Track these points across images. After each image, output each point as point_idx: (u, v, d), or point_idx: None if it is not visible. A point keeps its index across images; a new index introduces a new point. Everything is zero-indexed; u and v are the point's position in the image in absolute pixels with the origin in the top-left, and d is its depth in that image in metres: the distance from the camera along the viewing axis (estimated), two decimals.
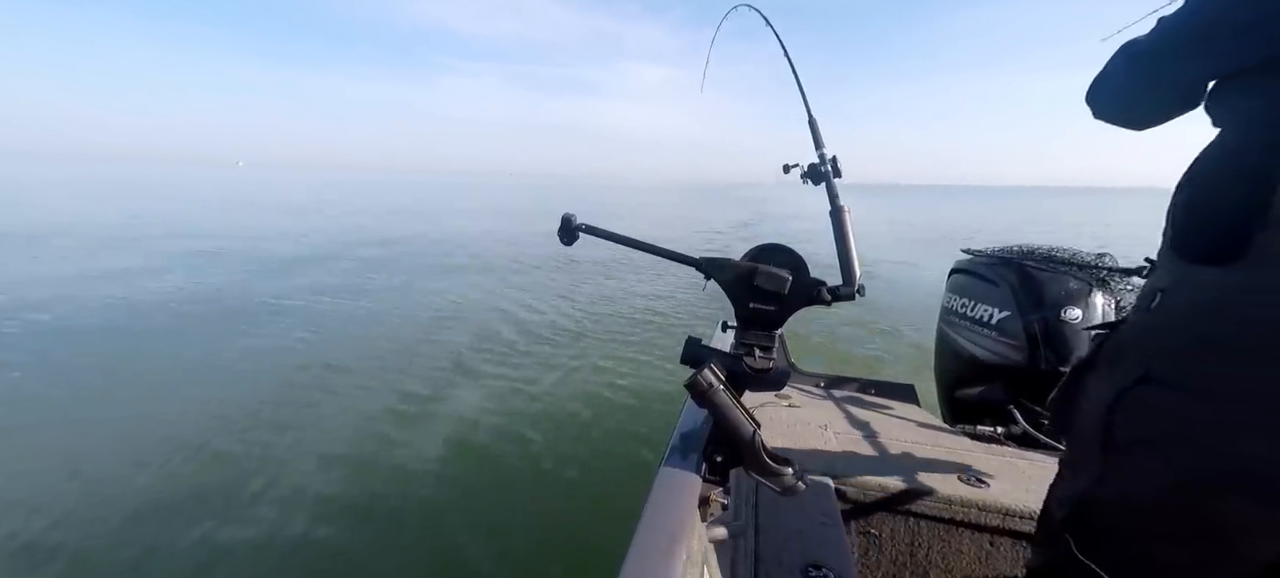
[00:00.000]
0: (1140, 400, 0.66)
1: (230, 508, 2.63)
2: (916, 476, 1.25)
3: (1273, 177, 0.59)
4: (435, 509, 2.70)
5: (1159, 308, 0.68)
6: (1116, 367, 0.71)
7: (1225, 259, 0.62)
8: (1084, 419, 0.73)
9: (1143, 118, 0.85)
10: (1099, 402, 0.70)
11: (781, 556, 0.91)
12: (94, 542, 2.38)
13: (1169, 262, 0.71)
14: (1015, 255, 1.86)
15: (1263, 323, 0.58)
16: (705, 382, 0.77)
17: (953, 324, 1.92)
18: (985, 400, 1.78)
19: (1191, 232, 0.69)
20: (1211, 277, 0.63)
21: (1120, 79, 0.83)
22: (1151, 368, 0.66)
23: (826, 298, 1.00)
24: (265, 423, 3.45)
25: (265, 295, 6.79)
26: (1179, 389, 0.63)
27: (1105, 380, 0.71)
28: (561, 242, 1.10)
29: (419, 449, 3.21)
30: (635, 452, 3.25)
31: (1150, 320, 0.70)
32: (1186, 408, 0.62)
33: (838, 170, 1.12)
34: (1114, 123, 0.88)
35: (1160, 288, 0.70)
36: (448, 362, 4.69)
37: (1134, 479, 0.66)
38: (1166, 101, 0.78)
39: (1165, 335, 0.67)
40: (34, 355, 4.46)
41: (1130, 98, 0.84)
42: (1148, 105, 0.82)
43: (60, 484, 2.73)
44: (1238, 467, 0.58)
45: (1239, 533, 0.58)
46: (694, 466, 0.80)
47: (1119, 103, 0.86)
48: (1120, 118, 0.87)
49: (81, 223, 13.44)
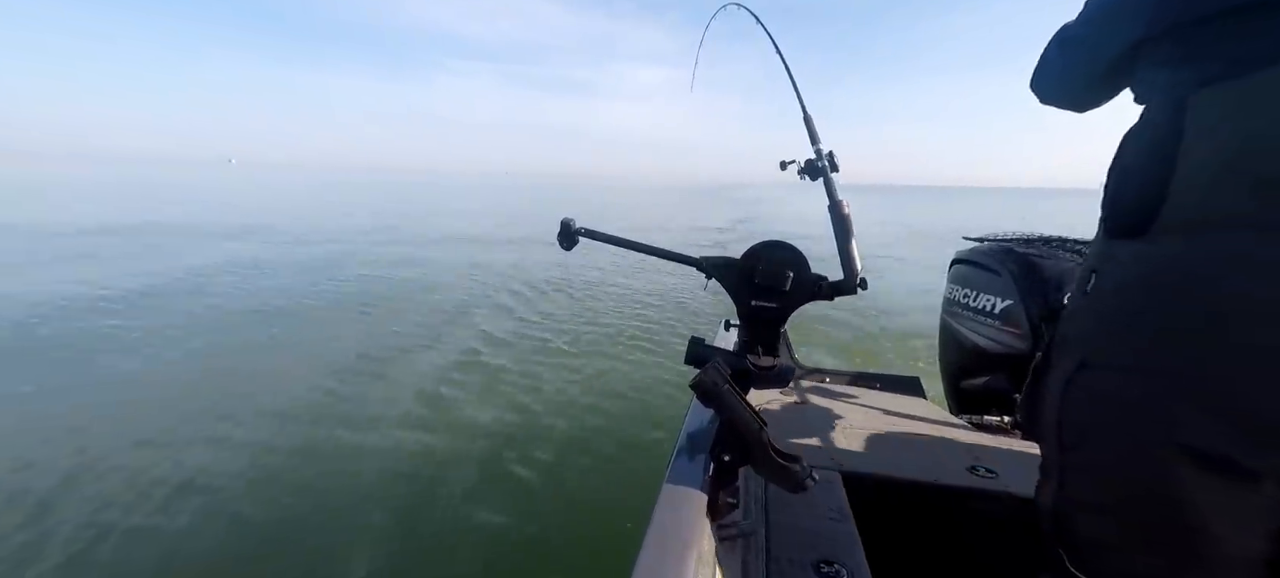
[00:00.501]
0: (1081, 388, 0.65)
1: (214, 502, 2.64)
2: (925, 467, 1.24)
3: (1173, 145, 0.59)
4: (440, 513, 2.70)
5: (1094, 290, 0.68)
6: (1062, 357, 0.69)
7: (1137, 232, 0.62)
8: (1043, 419, 0.71)
9: (1080, 99, 0.86)
10: (1051, 397, 0.69)
11: (793, 553, 0.91)
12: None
13: (1099, 242, 0.71)
14: (1017, 243, 1.86)
15: (1166, 290, 0.58)
16: (710, 381, 0.77)
17: (955, 315, 1.92)
18: (991, 390, 1.77)
19: (1112, 207, 0.69)
20: (1129, 251, 0.63)
21: (1055, 63, 0.84)
22: (1088, 353, 0.65)
23: (828, 293, 1.00)
24: (261, 418, 3.46)
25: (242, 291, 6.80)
26: (1113, 371, 0.62)
27: (1056, 373, 0.69)
28: (561, 246, 1.10)
29: (422, 454, 3.21)
30: (643, 454, 3.24)
31: (1085, 304, 0.69)
32: (1122, 389, 0.60)
33: (835, 165, 1.12)
34: (1057, 105, 0.89)
35: (1093, 269, 0.69)
36: (449, 366, 4.69)
37: (1090, 477, 0.65)
38: (1096, 81, 0.80)
39: (1098, 318, 0.66)
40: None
41: (1065, 80, 0.85)
42: (1081, 86, 0.83)
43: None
44: (1179, 443, 0.56)
45: (1199, 517, 0.56)
46: (702, 466, 0.80)
47: (1056, 86, 0.87)
48: (1061, 100, 0.89)
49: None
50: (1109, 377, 0.62)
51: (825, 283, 1.00)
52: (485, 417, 3.78)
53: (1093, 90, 0.82)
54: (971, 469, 1.25)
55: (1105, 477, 0.63)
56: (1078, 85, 0.84)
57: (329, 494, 2.91)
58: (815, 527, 0.98)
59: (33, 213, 16.76)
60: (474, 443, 3.41)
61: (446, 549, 2.49)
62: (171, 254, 9.93)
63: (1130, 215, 0.64)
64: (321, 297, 7.17)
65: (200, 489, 2.86)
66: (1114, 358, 0.62)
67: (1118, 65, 0.74)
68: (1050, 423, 0.69)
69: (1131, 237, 0.63)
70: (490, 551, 2.48)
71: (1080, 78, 0.82)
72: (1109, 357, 0.62)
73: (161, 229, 13.51)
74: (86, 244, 10.68)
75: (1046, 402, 0.70)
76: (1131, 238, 0.63)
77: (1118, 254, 0.65)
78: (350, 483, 3.00)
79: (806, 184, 1.16)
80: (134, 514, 2.62)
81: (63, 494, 2.76)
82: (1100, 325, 0.65)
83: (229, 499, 2.81)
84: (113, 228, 13.34)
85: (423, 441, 3.42)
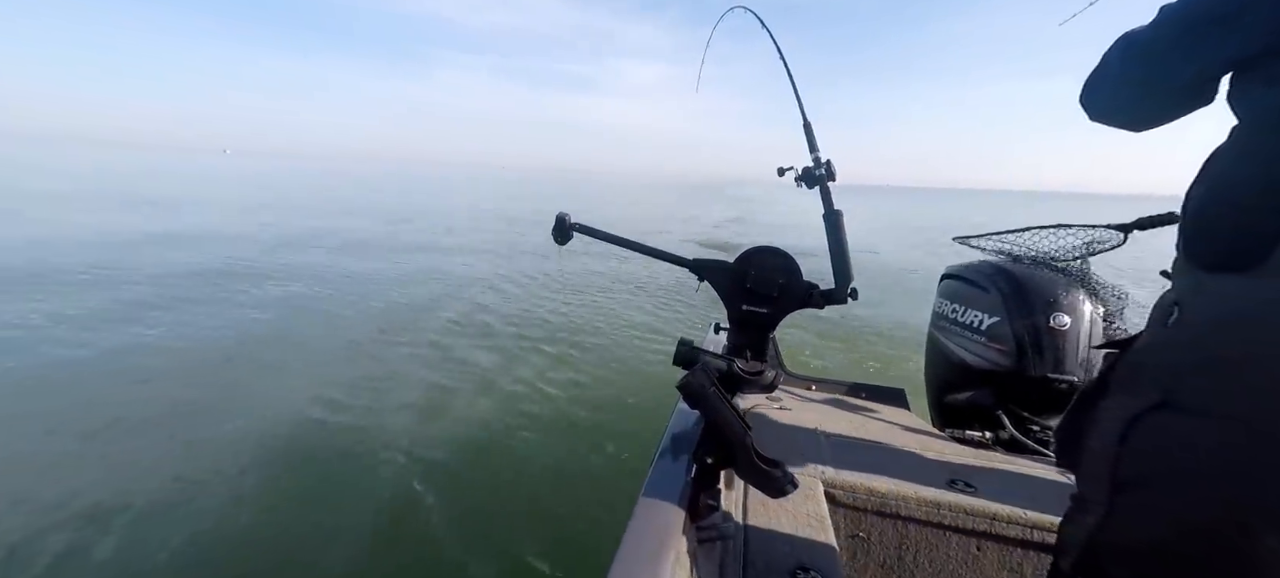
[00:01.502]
0: (1155, 428, 0.59)
1: (225, 496, 2.61)
2: (905, 479, 1.25)
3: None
4: (422, 510, 2.68)
5: (1176, 323, 0.61)
6: (1129, 391, 0.63)
7: (1244, 266, 0.56)
8: (1092, 451, 0.66)
9: (1141, 117, 0.76)
10: (1108, 431, 0.62)
11: (770, 558, 0.91)
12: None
13: (1184, 271, 0.64)
14: (1005, 257, 1.88)
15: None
16: (697, 383, 0.77)
17: (943, 329, 1.93)
18: (974, 405, 1.79)
19: (1206, 236, 0.62)
20: (1232, 286, 0.57)
21: (1115, 74, 0.74)
22: (1170, 392, 0.58)
23: (819, 301, 1.00)
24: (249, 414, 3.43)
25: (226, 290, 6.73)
26: (1200, 416, 0.55)
27: (1116, 407, 0.63)
28: (556, 241, 1.10)
29: (405, 449, 3.19)
30: (626, 453, 3.24)
31: (1167, 337, 0.62)
32: (1208, 437, 0.54)
33: (832, 173, 1.12)
34: (1111, 123, 0.80)
35: (1176, 301, 0.62)
36: (434, 361, 4.66)
37: (1148, 519, 0.59)
38: (1165, 99, 0.71)
39: (1184, 354, 0.60)
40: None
41: (1126, 95, 0.75)
42: (1145, 103, 0.74)
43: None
44: (1272, 504, 0.50)
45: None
46: (685, 467, 0.81)
47: (1115, 102, 0.78)
48: (1117, 118, 0.79)
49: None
50: (1196, 422, 0.56)
51: (817, 291, 1.01)
52: (466, 412, 3.77)
53: (1160, 109, 0.73)
54: (951, 483, 1.26)
55: (1165, 525, 0.58)
56: (1141, 102, 0.74)
57: (296, 488, 2.89)
58: (794, 533, 0.98)
59: None
60: (453, 439, 3.40)
61: (419, 545, 2.48)
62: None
63: (1232, 246, 0.58)
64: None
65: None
66: (1209, 403, 0.55)
67: (1199, 82, 0.66)
68: (1102, 457, 0.63)
69: (1234, 270, 0.57)
70: (466, 547, 2.47)
71: (1145, 93, 0.73)
72: (1201, 401, 0.56)
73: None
74: None
75: (1099, 434, 0.65)
76: (1234, 272, 0.57)
77: (1213, 288, 0.59)
78: (319, 480, 2.98)
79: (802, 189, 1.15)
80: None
81: None
82: (1190, 365, 0.59)
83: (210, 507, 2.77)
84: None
85: (396, 438, 3.40)
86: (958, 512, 1.17)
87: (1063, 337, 1.66)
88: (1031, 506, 1.17)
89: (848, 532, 1.21)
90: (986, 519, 1.16)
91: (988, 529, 1.16)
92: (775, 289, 0.99)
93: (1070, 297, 1.69)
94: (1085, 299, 1.70)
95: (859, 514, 1.21)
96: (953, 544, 1.19)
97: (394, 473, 2.94)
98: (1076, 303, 1.69)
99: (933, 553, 1.20)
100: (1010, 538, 1.15)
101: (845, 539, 1.21)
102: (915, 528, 1.20)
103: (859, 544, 1.22)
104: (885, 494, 1.21)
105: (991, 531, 1.16)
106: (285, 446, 3.14)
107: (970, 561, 1.18)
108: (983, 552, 1.18)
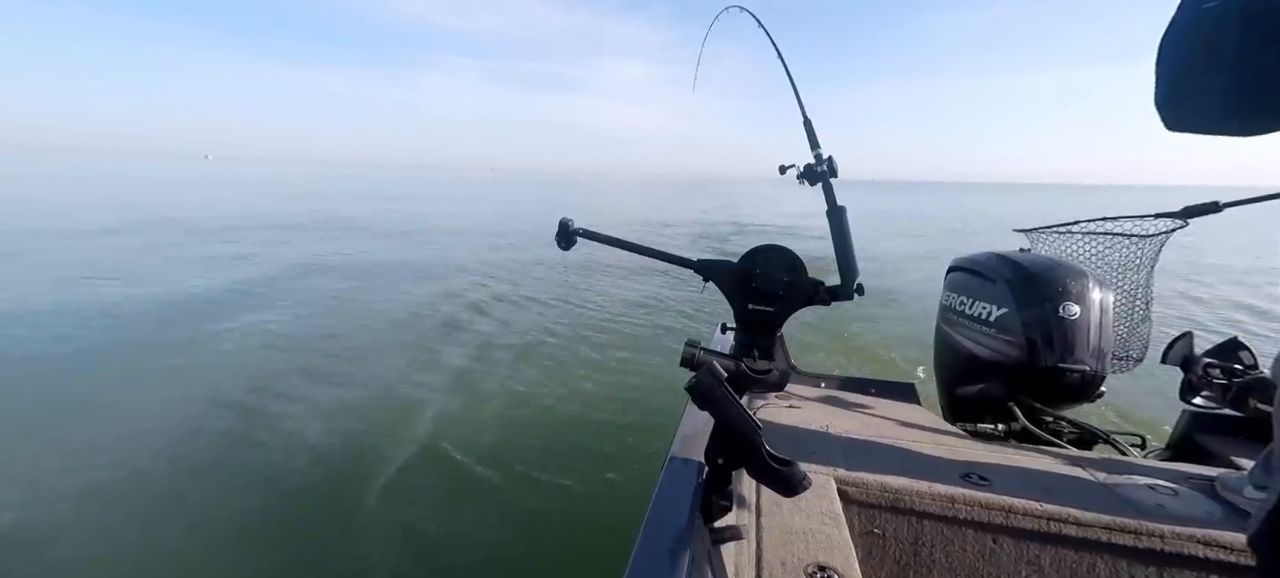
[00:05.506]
0: None
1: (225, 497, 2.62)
2: (918, 474, 1.24)
3: None
4: (436, 516, 2.69)
5: None
6: None
7: None
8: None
9: (1256, 120, 0.56)
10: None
11: (785, 558, 0.91)
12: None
13: None
14: (1012, 252, 1.87)
15: None
16: (706, 385, 0.76)
17: (952, 322, 1.92)
18: (985, 398, 1.78)
19: None
20: None
21: (1230, 60, 0.54)
22: None
23: (825, 298, 1.00)
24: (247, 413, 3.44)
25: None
26: None
27: None
28: (559, 247, 1.10)
29: (419, 457, 3.20)
30: (637, 456, 3.24)
31: None
32: None
33: (834, 170, 1.12)
34: (1208, 131, 0.60)
35: None
36: (444, 369, 4.67)
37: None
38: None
39: None
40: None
41: (1255, 84, 0.54)
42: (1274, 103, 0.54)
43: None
44: None
45: None
46: (696, 469, 0.80)
47: (1231, 97, 0.56)
48: (1225, 122, 0.58)
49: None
50: None
51: (823, 288, 1.00)
52: (478, 417, 3.77)
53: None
54: (965, 477, 1.25)
55: None
56: (1261, 101, 0.55)
57: (300, 491, 2.90)
58: (808, 532, 0.98)
59: None
60: (466, 445, 3.40)
61: (434, 550, 2.48)
62: None
63: None
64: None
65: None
66: None
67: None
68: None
69: None
70: (481, 552, 2.47)
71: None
72: None
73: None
74: None
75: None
76: None
77: None
78: (319, 483, 2.99)
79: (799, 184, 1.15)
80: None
81: None
82: None
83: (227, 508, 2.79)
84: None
85: (407, 445, 3.41)
86: (973, 506, 1.17)
87: (1072, 326, 1.64)
88: (1047, 498, 1.16)
89: (862, 529, 1.20)
90: (1002, 512, 1.15)
91: (1004, 523, 1.15)
92: (780, 287, 0.99)
93: (1078, 285, 1.68)
94: (1094, 287, 1.69)
95: (873, 511, 1.20)
96: (969, 539, 1.18)
97: (406, 481, 2.95)
98: (1085, 291, 1.67)
99: (949, 548, 1.19)
100: (1027, 531, 1.14)
101: (860, 537, 1.20)
102: (930, 523, 1.19)
103: (874, 541, 1.21)
104: (899, 490, 1.20)
105: (1008, 524, 1.15)
106: (283, 459, 3.15)
107: (987, 555, 1.17)
108: (1000, 545, 1.16)
